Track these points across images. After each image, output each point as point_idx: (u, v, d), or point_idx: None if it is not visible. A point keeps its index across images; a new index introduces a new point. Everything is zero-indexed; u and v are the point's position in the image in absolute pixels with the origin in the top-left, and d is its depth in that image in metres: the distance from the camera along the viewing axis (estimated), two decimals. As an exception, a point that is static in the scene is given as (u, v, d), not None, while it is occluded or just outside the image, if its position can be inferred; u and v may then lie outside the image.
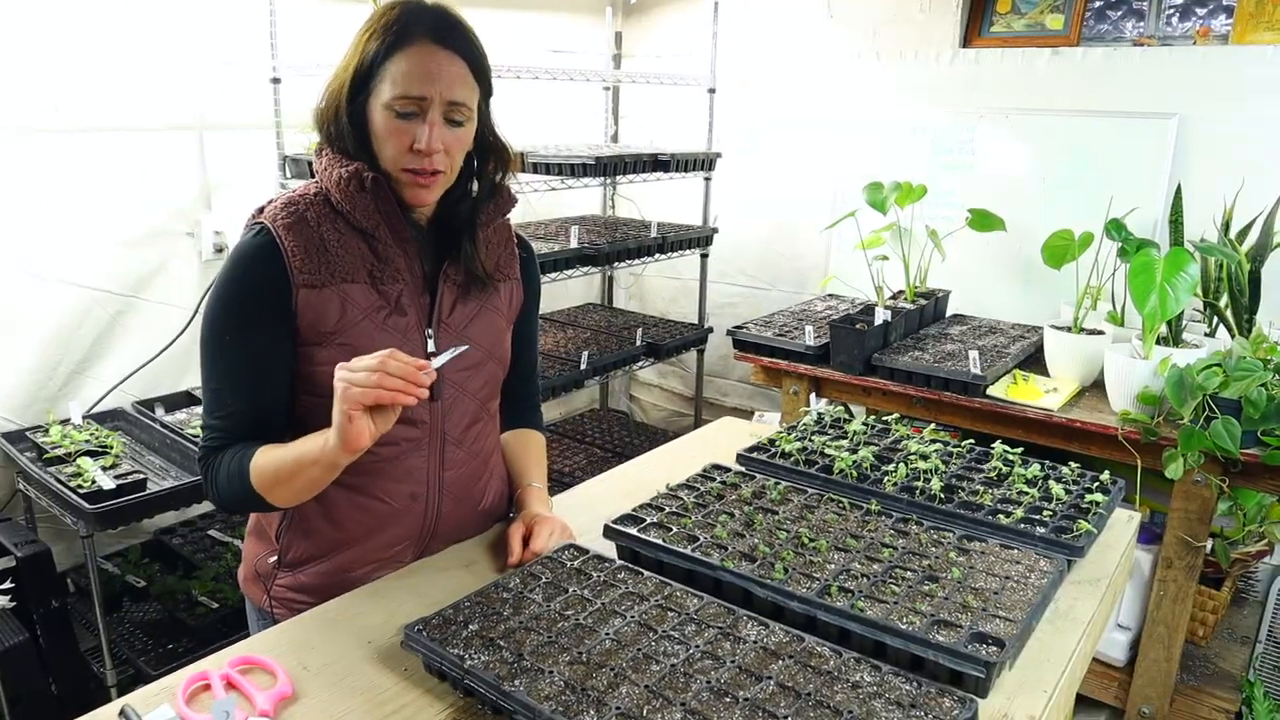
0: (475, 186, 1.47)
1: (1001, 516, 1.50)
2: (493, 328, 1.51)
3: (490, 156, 1.46)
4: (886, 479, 1.64)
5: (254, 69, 2.84)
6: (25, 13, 2.43)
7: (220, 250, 2.88)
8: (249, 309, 1.32)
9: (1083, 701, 2.65)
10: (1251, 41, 2.92)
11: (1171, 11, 3.15)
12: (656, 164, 3.31)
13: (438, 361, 1.26)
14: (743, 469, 1.74)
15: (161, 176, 2.77)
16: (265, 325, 1.32)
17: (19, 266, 2.51)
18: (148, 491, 2.23)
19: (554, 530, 1.48)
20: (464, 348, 1.32)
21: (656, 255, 3.50)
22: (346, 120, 1.34)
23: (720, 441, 2.03)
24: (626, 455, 3.25)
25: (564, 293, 4.19)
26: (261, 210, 1.37)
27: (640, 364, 3.56)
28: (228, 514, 1.27)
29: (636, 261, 3.56)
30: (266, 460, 1.31)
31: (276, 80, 2.84)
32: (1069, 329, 2.62)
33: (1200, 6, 3.10)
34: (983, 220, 2.95)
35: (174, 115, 2.77)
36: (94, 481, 2.21)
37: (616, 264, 3.44)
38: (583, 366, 3.15)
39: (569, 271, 3.18)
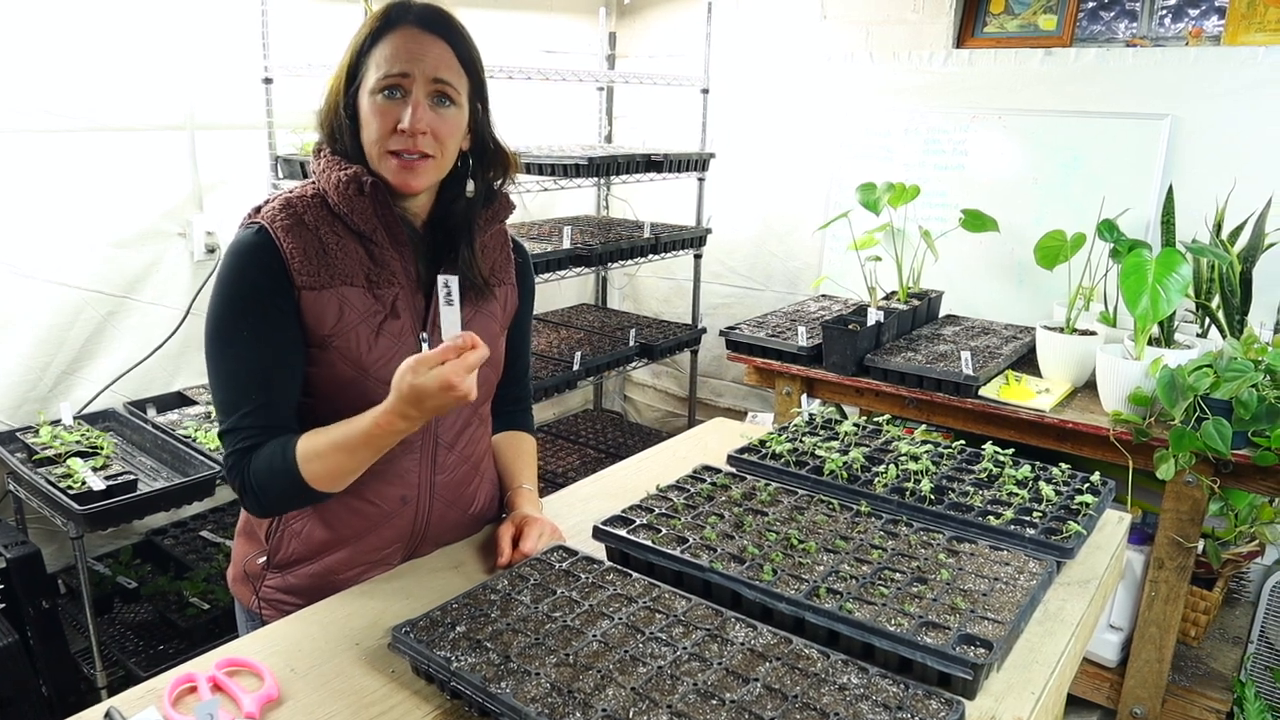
0: (471, 189, 1.47)
1: (991, 518, 1.50)
2: (487, 332, 1.50)
3: (490, 162, 1.46)
4: (877, 480, 1.64)
5: (245, 69, 2.84)
6: (16, 13, 2.42)
7: (212, 250, 2.88)
8: (259, 299, 1.31)
9: (1075, 702, 2.65)
10: (1243, 42, 2.92)
11: (1164, 12, 3.16)
12: (650, 164, 3.31)
13: (449, 330, 1.22)
14: (733, 470, 1.74)
15: (153, 177, 2.77)
16: (277, 315, 1.31)
17: (9, 267, 2.51)
18: (138, 492, 2.22)
19: (543, 532, 1.48)
20: (452, 285, 1.23)
21: (650, 256, 3.50)
22: (344, 115, 1.35)
23: (711, 442, 2.03)
24: (620, 456, 3.25)
25: (557, 293, 4.19)
26: (258, 210, 1.37)
27: (634, 364, 3.56)
28: (263, 516, 1.28)
29: (630, 262, 3.56)
30: (314, 446, 1.28)
31: (268, 80, 2.84)
32: (1061, 330, 2.62)
33: (1192, 7, 3.10)
34: (975, 221, 2.95)
35: (165, 115, 2.76)
36: (84, 482, 2.20)
37: (610, 264, 3.44)
38: (576, 367, 3.15)
39: (562, 272, 3.18)
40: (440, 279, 1.21)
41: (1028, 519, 1.50)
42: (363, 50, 1.33)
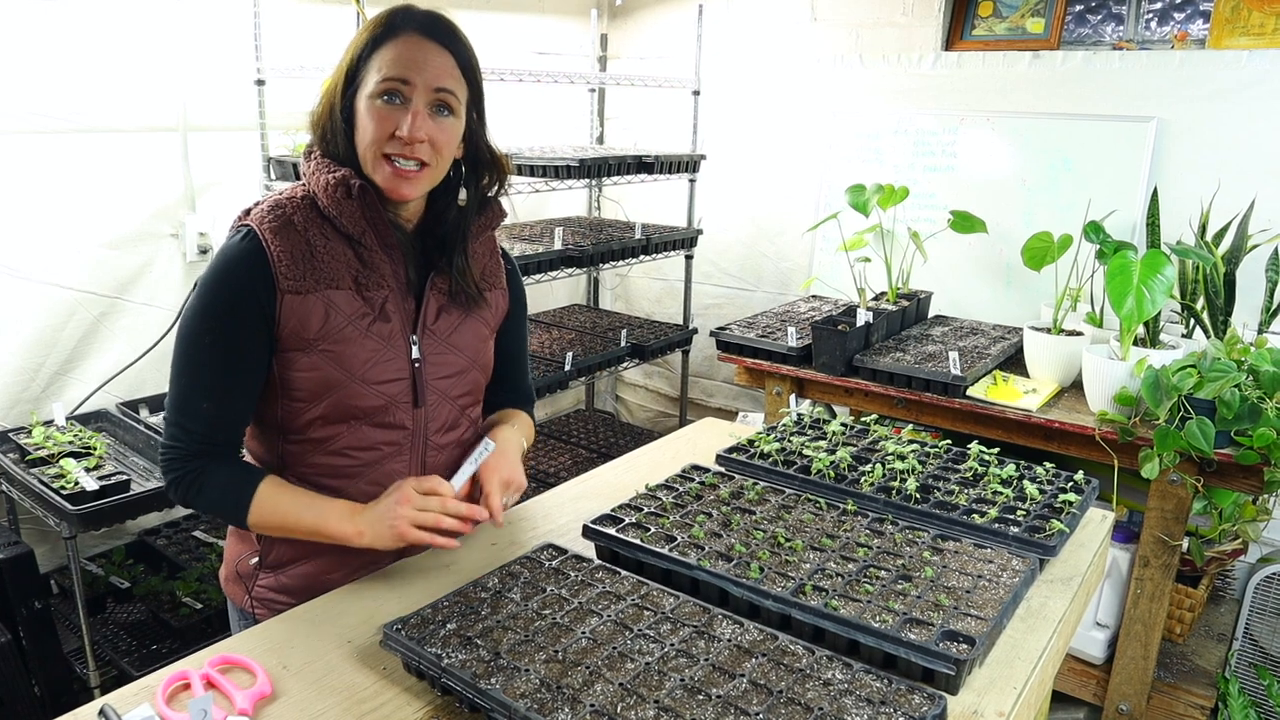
0: (464, 197, 1.48)
1: (976, 516, 1.52)
2: (476, 336, 1.52)
3: (484, 170, 1.47)
4: (863, 479, 1.65)
5: (238, 71, 2.85)
6: (9, 15, 2.43)
7: (204, 251, 2.89)
8: (233, 313, 1.32)
9: (1061, 699, 2.68)
10: (1228, 46, 2.95)
11: (1150, 16, 3.19)
12: (641, 166, 3.33)
13: (460, 477, 1.41)
14: (722, 470, 1.75)
15: (146, 178, 2.77)
16: (247, 330, 1.33)
17: (2, 268, 2.51)
18: (131, 493, 2.23)
19: (499, 482, 1.45)
20: (488, 450, 1.45)
21: (641, 256, 3.52)
22: (340, 117, 1.35)
23: (701, 442, 2.05)
24: (612, 456, 3.25)
25: (549, 294, 4.20)
26: (248, 212, 1.38)
27: (625, 365, 3.58)
28: (185, 508, 1.48)
29: (621, 263, 3.57)
30: (274, 504, 1.37)
31: (261, 82, 2.85)
32: (1048, 330, 2.64)
33: (1178, 11, 3.13)
34: (964, 222, 2.97)
35: (158, 117, 2.77)
36: (77, 483, 2.21)
37: (601, 265, 3.45)
38: (568, 367, 3.16)
39: (554, 273, 3.20)
40: (485, 441, 1.45)
41: (1011, 517, 1.52)
42: (363, 55, 1.34)
